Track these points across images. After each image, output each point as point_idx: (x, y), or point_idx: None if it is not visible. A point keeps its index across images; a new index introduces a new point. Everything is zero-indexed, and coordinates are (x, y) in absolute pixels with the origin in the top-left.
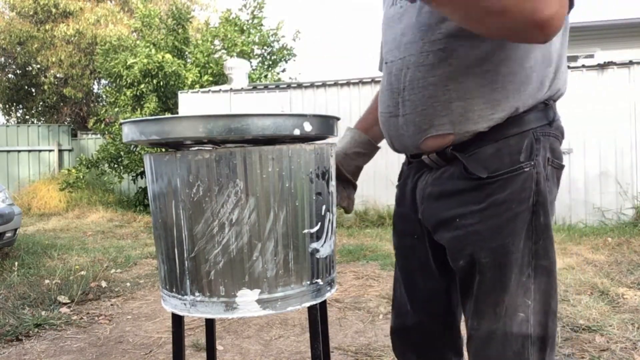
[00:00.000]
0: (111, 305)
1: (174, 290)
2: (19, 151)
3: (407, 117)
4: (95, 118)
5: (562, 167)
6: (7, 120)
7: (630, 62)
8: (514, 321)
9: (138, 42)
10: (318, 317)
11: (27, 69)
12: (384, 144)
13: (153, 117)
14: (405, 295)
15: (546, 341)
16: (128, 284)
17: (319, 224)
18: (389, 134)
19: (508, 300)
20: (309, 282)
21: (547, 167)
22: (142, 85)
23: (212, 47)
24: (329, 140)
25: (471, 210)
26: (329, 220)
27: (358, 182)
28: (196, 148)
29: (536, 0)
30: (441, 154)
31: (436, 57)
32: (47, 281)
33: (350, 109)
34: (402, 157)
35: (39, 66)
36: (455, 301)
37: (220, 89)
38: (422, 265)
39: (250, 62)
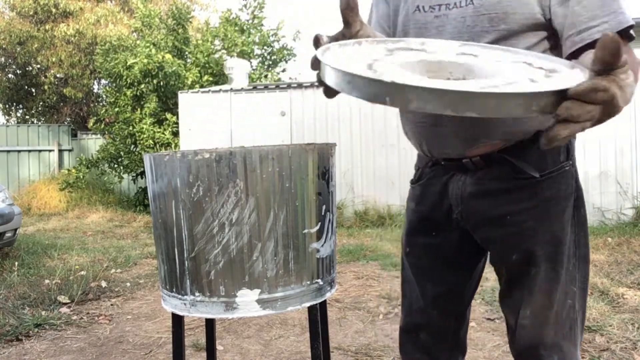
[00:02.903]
0: (111, 305)
1: (174, 290)
2: (19, 151)
3: (453, 129)
4: (95, 118)
5: None
6: (7, 120)
7: None
8: (564, 307)
9: (138, 42)
10: (318, 317)
11: (27, 69)
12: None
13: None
14: (418, 292)
15: (584, 321)
16: (128, 284)
17: (319, 224)
18: (427, 141)
19: (560, 288)
20: (309, 282)
21: (576, 165)
22: (142, 85)
23: (212, 47)
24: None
25: (522, 207)
26: (329, 220)
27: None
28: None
29: None
30: (485, 157)
31: None
32: (47, 281)
33: (350, 109)
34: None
35: (39, 66)
36: (467, 300)
37: (220, 89)
38: (444, 260)
39: (251, 62)
